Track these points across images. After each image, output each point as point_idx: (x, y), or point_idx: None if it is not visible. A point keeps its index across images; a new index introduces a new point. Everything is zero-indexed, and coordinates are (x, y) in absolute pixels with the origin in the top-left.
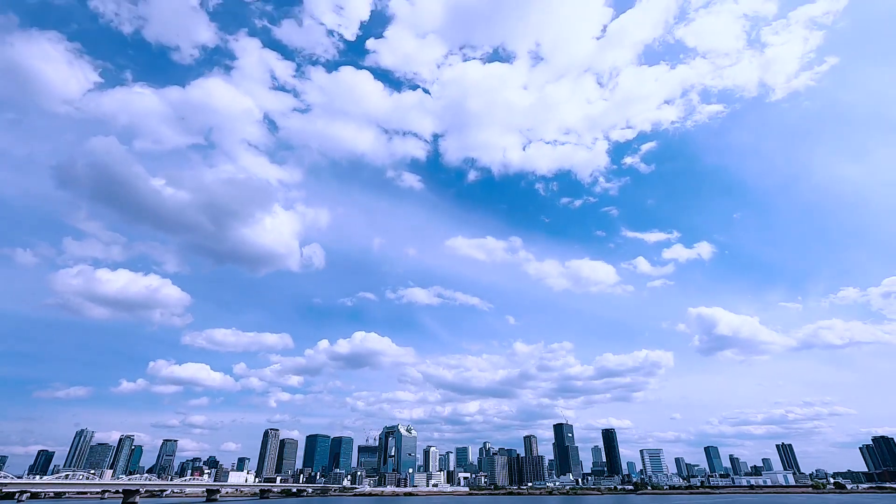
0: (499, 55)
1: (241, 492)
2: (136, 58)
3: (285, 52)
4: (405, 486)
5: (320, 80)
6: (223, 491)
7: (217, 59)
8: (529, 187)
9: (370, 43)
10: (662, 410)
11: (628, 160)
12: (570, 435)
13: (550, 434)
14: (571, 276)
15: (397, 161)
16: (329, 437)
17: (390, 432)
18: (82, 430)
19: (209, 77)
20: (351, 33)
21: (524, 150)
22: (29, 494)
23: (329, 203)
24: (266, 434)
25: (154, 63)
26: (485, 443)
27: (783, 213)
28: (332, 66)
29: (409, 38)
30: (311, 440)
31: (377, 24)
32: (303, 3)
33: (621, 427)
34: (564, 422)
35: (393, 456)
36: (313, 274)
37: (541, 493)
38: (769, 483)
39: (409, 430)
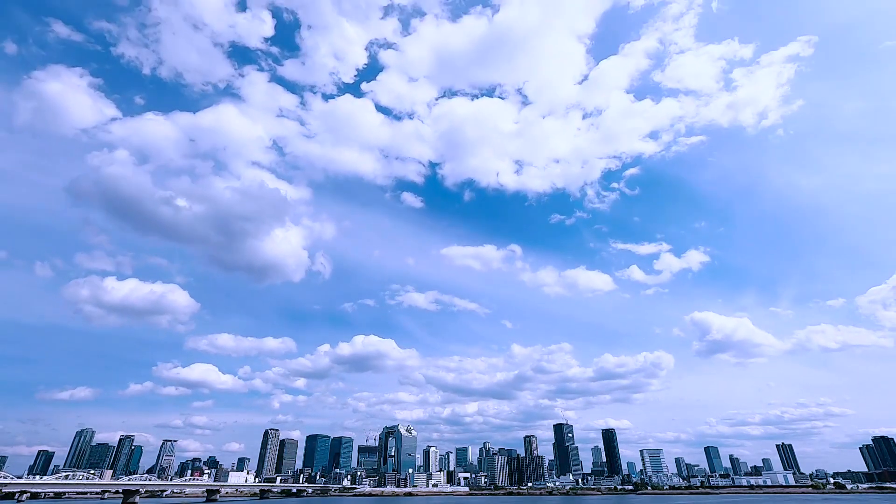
0: (488, 95)
1: (241, 492)
2: (152, 90)
3: (289, 86)
4: (405, 486)
5: (323, 109)
6: (223, 491)
7: (227, 90)
8: (522, 206)
9: (365, 86)
10: (662, 411)
11: (615, 185)
12: (570, 435)
13: (550, 434)
14: (568, 284)
15: (397, 183)
16: (329, 437)
17: (390, 432)
18: (83, 430)
19: (220, 104)
20: (349, 77)
21: (517, 174)
22: (29, 494)
23: (333, 218)
24: (266, 434)
25: (168, 93)
26: (485, 443)
27: (764, 224)
28: (332, 97)
29: (401, 83)
30: (311, 440)
31: (372, 71)
32: (304, 50)
33: (621, 427)
34: (564, 422)
35: (393, 456)
36: (318, 282)
37: (541, 493)
38: (769, 483)
39: (409, 431)
